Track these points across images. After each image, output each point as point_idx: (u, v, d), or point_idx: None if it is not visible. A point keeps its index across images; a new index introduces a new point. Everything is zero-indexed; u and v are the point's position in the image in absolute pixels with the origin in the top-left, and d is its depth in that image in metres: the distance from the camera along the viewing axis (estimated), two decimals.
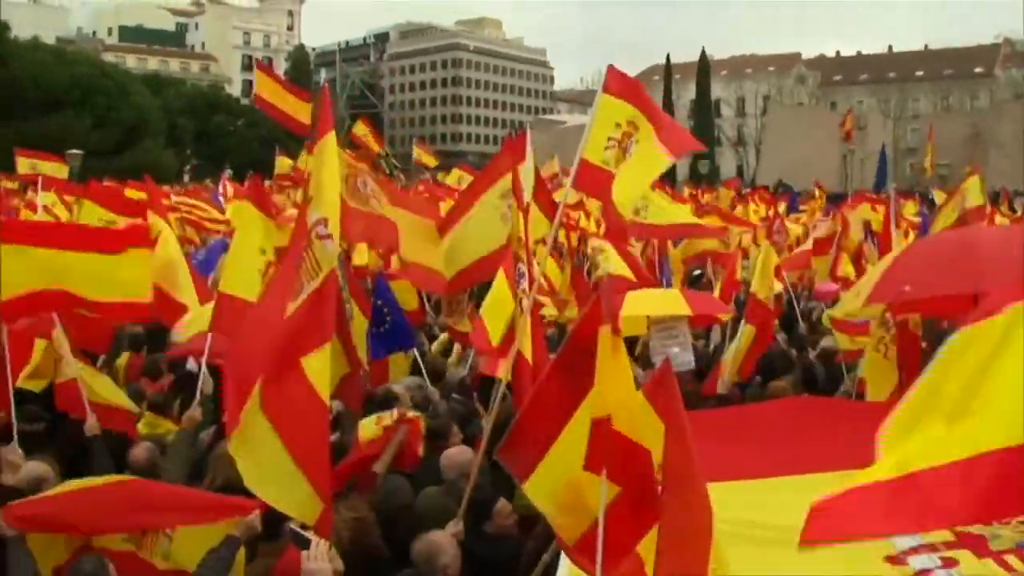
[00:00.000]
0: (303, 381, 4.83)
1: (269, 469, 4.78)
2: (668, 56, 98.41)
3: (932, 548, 3.29)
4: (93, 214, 11.88)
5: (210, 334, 7.18)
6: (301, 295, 5.10)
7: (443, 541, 5.07)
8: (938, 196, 23.37)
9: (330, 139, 5.51)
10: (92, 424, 7.03)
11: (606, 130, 6.28)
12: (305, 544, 4.52)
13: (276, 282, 5.58)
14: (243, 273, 7.32)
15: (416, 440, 6.44)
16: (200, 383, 7.37)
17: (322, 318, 5.04)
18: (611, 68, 6.41)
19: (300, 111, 17.32)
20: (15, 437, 6.45)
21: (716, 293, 10.76)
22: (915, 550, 3.28)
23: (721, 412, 6.00)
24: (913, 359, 6.54)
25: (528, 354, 5.86)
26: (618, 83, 6.35)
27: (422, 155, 34.67)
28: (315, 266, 5.13)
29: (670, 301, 7.25)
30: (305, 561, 4.39)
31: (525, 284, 6.11)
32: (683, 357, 7.88)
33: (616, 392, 3.31)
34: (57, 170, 23.13)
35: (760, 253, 9.84)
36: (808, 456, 3.90)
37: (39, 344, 7.61)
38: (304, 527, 4.68)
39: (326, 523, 4.68)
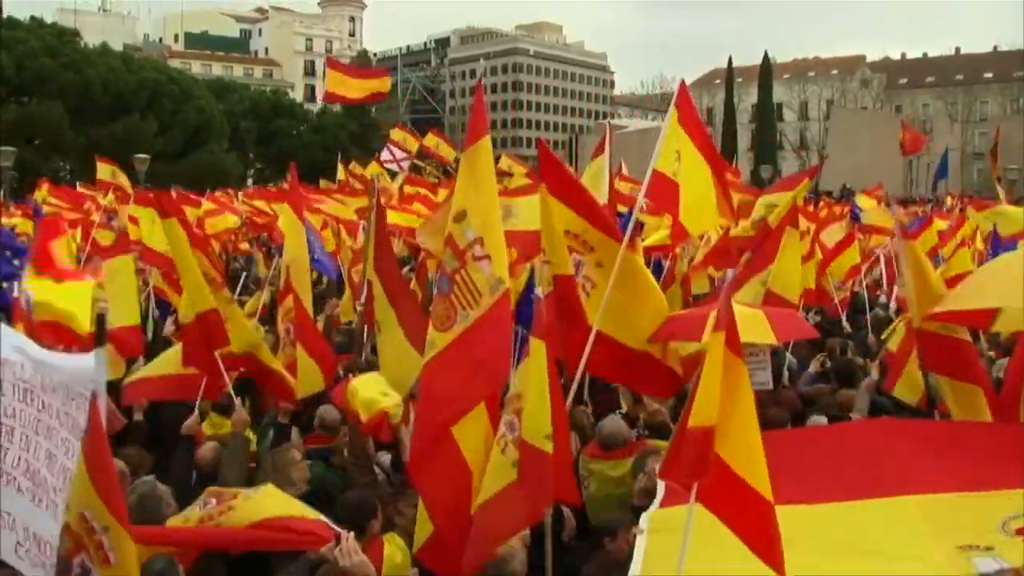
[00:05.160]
0: (454, 448, 4.98)
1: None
2: (730, 59, 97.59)
3: (1017, 574, 3.22)
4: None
5: None
6: (456, 324, 4.96)
7: (514, 545, 5.03)
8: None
9: (484, 145, 5.20)
10: (190, 424, 7.24)
11: (672, 143, 6.34)
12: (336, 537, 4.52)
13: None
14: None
15: None
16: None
17: (489, 361, 5.00)
18: (682, 84, 6.54)
19: (367, 87, 18.01)
20: None
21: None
22: (1000, 574, 3.22)
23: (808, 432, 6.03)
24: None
25: None
26: (683, 98, 6.48)
27: (513, 164, 34.18)
28: (473, 291, 4.97)
29: (757, 326, 6.97)
30: (340, 558, 4.37)
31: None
32: (761, 377, 7.76)
33: (724, 406, 3.24)
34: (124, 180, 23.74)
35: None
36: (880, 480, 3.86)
37: None
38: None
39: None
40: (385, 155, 27.67)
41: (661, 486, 4.36)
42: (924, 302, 6.16)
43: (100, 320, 3.25)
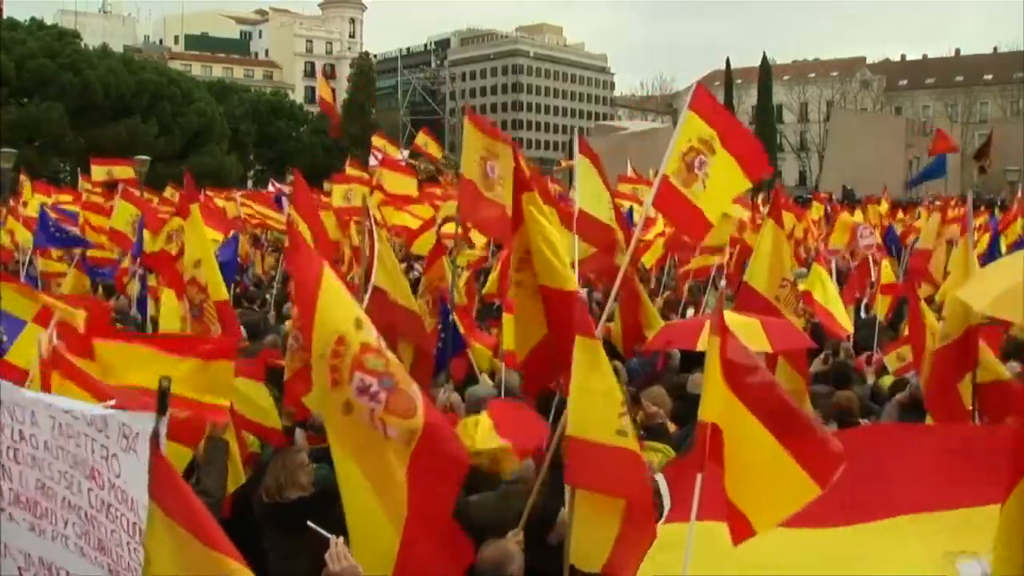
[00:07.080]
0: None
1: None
2: (728, 61, 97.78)
3: None
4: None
5: None
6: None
7: (513, 549, 5.01)
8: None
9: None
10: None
11: (681, 146, 6.21)
12: (324, 542, 4.45)
13: None
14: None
15: None
16: None
17: None
18: (699, 86, 6.41)
19: None
20: None
21: None
22: None
23: None
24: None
25: None
26: (701, 102, 6.29)
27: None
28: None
29: (752, 335, 6.82)
30: (331, 564, 4.33)
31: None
32: None
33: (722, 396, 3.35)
34: (124, 172, 23.44)
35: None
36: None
37: None
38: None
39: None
40: (372, 161, 28.29)
41: (668, 499, 4.37)
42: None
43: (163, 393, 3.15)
